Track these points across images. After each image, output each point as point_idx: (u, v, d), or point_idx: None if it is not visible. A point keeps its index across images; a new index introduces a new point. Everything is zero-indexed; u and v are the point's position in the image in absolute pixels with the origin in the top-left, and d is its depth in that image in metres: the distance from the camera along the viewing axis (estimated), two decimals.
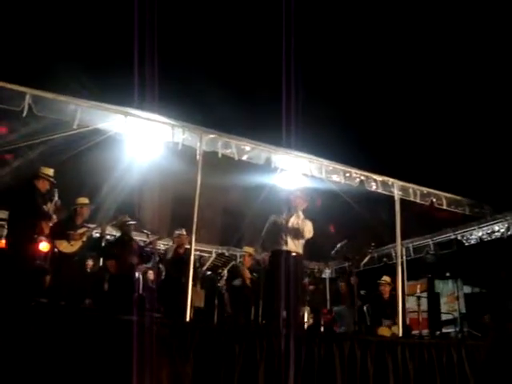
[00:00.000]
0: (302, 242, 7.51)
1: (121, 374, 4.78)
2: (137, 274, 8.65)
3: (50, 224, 7.61)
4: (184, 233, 8.68)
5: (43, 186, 7.38)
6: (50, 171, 7.49)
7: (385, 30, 15.05)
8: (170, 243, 9.53)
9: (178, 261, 8.43)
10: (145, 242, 8.97)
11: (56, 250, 7.81)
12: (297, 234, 7.42)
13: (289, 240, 7.37)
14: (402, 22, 15.02)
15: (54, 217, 7.72)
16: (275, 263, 7.35)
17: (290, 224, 7.43)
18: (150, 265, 9.59)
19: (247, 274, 9.35)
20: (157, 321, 5.72)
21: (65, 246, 7.70)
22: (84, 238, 7.86)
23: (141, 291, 8.76)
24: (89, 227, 8.08)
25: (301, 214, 7.52)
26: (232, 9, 14.80)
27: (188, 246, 8.12)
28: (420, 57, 15.26)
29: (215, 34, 15.03)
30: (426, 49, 15.07)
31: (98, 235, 8.72)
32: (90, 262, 9.60)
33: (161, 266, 9.51)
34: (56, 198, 7.61)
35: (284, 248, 7.32)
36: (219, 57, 15.46)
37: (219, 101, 12.84)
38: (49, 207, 7.53)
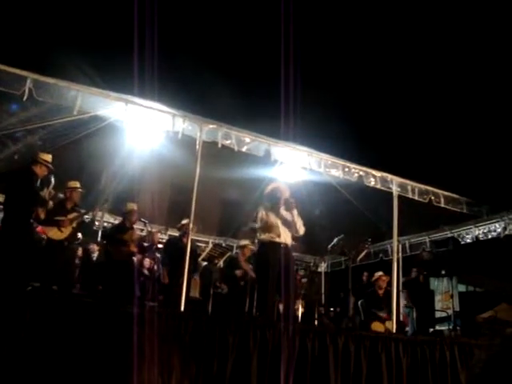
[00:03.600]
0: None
1: (116, 362, 4.80)
2: (135, 262, 8.66)
3: (46, 210, 7.60)
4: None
5: (41, 171, 7.35)
6: (48, 157, 7.45)
7: (385, 24, 15.01)
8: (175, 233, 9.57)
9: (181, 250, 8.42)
10: (147, 231, 8.94)
11: (45, 236, 7.75)
12: (289, 225, 7.38)
13: (281, 229, 7.35)
14: (402, 16, 14.99)
15: (51, 203, 7.69)
16: (264, 254, 7.29)
17: (281, 213, 7.41)
18: (148, 255, 9.56)
19: (246, 266, 9.37)
20: (153, 310, 5.73)
21: (54, 233, 7.62)
22: (74, 224, 7.78)
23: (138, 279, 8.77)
24: (79, 211, 7.99)
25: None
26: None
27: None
28: (420, 53, 15.23)
29: (215, 23, 14.99)
30: (427, 45, 15.04)
31: (87, 220, 8.68)
32: (94, 247, 9.62)
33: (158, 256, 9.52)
34: (52, 184, 7.57)
35: (277, 239, 7.29)
36: (219, 47, 15.41)
37: (219, 92, 12.82)
38: (45, 193, 7.50)
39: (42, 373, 4.60)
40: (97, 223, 9.27)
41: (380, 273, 9.80)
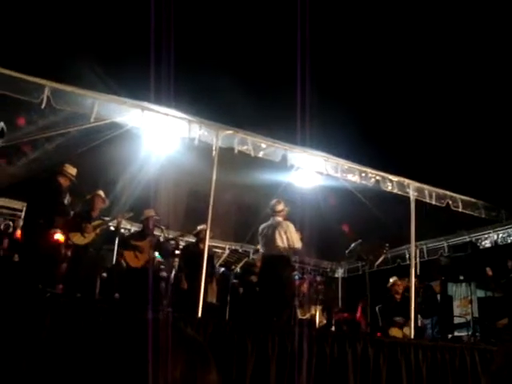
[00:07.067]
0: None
1: (133, 367, 4.78)
2: (153, 268, 8.70)
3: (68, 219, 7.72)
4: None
5: (65, 183, 7.46)
6: (74, 170, 7.57)
7: (402, 29, 14.96)
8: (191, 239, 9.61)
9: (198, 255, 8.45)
10: (166, 237, 8.97)
11: (69, 241, 7.87)
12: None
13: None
14: (417, 20, 14.94)
15: (72, 213, 7.83)
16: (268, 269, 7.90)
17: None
18: (168, 259, 9.57)
19: None
20: (170, 315, 5.74)
21: (78, 238, 7.74)
22: (98, 231, 7.90)
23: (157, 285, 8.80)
24: (104, 220, 8.12)
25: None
26: (249, 6, 14.80)
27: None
28: (440, 57, 15.15)
29: (232, 30, 15.03)
30: (445, 48, 14.96)
31: (113, 228, 8.75)
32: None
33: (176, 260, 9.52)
34: (68, 195, 7.70)
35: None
36: (235, 54, 15.46)
37: (235, 98, 12.85)
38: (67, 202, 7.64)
39: (59, 377, 4.61)
40: (122, 231, 9.33)
41: (394, 278, 9.72)
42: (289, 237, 7.87)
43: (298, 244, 7.96)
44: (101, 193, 8.16)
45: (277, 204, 8.15)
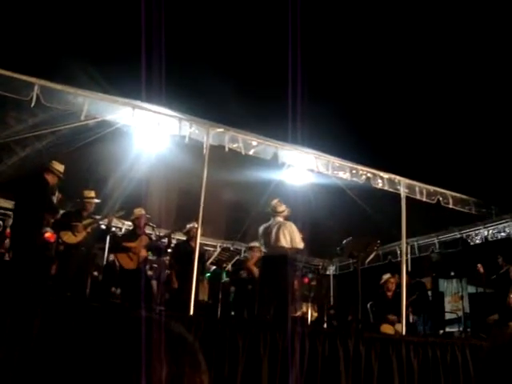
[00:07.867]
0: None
1: (125, 367, 4.77)
2: (147, 267, 8.69)
3: (57, 217, 7.68)
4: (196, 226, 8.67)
5: (52, 180, 7.40)
6: (61, 167, 7.49)
7: (389, 27, 15.00)
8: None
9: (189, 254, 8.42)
10: (157, 235, 8.95)
11: (60, 240, 7.84)
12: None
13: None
14: (408, 18, 14.99)
15: (61, 211, 7.81)
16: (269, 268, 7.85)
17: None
18: (160, 258, 9.55)
19: (254, 269, 9.34)
20: (162, 314, 5.72)
21: (69, 237, 7.71)
22: (89, 229, 7.88)
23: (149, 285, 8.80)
24: (95, 218, 8.09)
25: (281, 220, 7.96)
26: (240, 4, 14.78)
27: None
28: (429, 54, 15.20)
29: (222, 29, 15.02)
30: (435, 46, 15.01)
31: (104, 226, 8.73)
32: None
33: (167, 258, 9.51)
34: (57, 192, 7.66)
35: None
36: (226, 52, 15.45)
37: (226, 96, 12.84)
38: (55, 199, 7.58)
39: (48, 375, 4.59)
40: (113, 229, 9.31)
41: (388, 275, 9.75)
42: (292, 237, 7.84)
43: (300, 244, 7.93)
44: (92, 194, 8.13)
45: (278, 204, 8.10)
